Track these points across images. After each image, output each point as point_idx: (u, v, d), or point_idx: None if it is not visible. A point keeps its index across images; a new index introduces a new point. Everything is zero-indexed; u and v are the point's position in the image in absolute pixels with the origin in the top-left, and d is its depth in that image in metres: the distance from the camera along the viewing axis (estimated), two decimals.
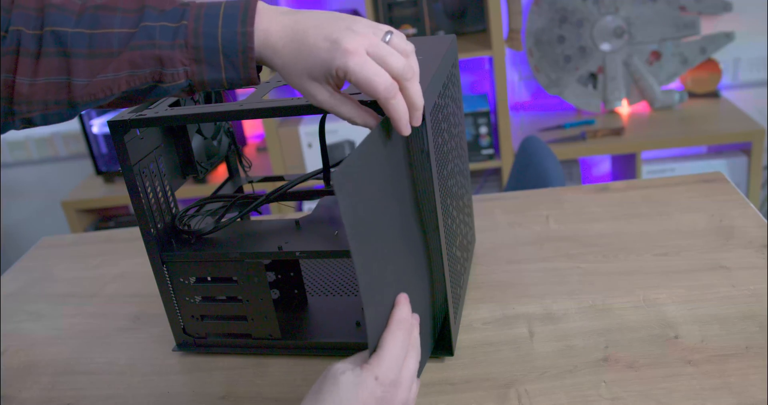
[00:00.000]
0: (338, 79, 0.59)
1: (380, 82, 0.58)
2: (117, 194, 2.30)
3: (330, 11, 0.61)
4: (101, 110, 2.35)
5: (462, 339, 0.83)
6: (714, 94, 2.33)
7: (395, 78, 0.59)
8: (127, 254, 1.17)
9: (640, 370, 0.74)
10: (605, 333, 0.81)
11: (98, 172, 2.34)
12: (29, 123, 0.62)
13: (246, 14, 0.59)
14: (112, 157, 2.37)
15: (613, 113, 2.33)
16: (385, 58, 0.59)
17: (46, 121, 0.62)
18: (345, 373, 0.58)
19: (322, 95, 0.61)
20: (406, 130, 0.62)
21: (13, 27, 0.59)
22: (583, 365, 0.76)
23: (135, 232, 1.24)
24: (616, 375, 0.74)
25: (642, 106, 2.35)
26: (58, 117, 0.62)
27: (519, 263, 0.98)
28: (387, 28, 0.62)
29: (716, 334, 0.78)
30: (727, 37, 2.20)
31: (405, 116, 0.61)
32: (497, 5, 2.03)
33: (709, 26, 2.26)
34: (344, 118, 0.63)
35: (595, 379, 0.74)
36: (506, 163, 2.19)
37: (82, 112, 2.30)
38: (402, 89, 0.60)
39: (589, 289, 0.89)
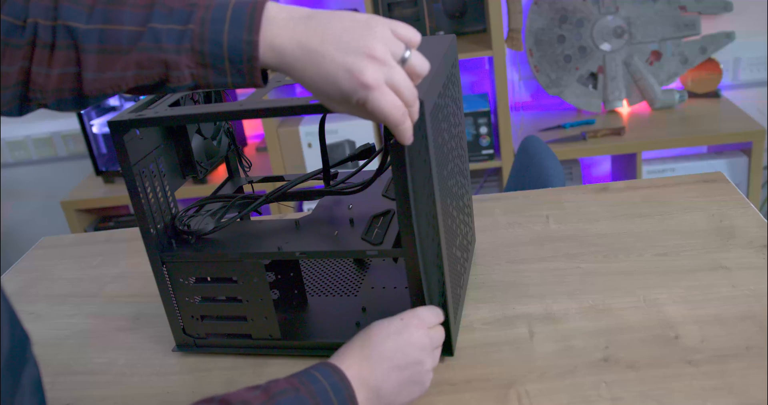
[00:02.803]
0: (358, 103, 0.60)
1: (395, 114, 0.61)
2: (117, 194, 2.29)
3: (344, 14, 0.60)
4: (101, 110, 2.36)
5: (462, 339, 0.83)
6: (714, 94, 2.33)
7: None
8: (127, 254, 1.17)
9: (641, 371, 0.74)
10: (605, 333, 0.81)
11: (98, 172, 2.34)
12: (45, 106, 0.64)
13: (252, 20, 0.58)
14: (112, 157, 2.37)
15: (613, 113, 2.33)
16: (400, 90, 0.60)
17: (60, 108, 0.63)
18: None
19: (343, 110, 0.62)
20: (409, 142, 0.65)
21: (31, 18, 0.59)
22: (584, 365, 0.76)
23: (135, 232, 1.24)
24: (616, 375, 0.74)
25: (642, 106, 2.35)
26: (72, 104, 0.63)
27: (519, 263, 0.98)
28: (406, 37, 0.61)
29: (716, 334, 0.78)
30: (727, 37, 2.20)
31: (409, 133, 0.64)
32: (497, 5, 2.03)
33: (709, 26, 2.26)
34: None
35: (596, 379, 0.74)
36: (506, 163, 2.19)
37: (82, 112, 2.29)
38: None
39: (589, 289, 0.89)
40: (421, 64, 0.62)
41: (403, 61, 0.61)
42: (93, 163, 2.33)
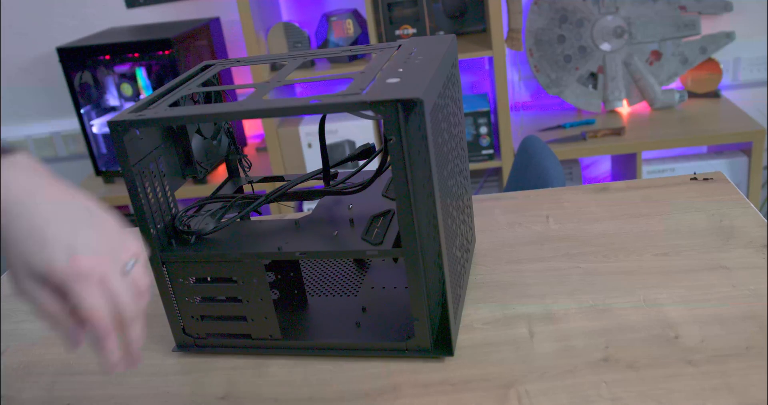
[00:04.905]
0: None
1: (102, 318, 0.54)
2: (117, 194, 2.30)
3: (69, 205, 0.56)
4: (101, 110, 2.35)
5: (462, 339, 0.83)
6: (714, 94, 2.33)
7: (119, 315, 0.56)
8: None
9: (641, 371, 0.74)
10: (605, 333, 0.81)
11: (98, 172, 2.34)
12: None
13: None
14: (112, 157, 2.37)
15: (613, 113, 2.33)
16: (117, 298, 0.55)
17: None
18: None
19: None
20: (112, 372, 0.57)
21: None
22: (583, 365, 0.76)
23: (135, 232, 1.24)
24: (616, 375, 0.74)
25: (642, 106, 2.35)
26: None
27: (519, 263, 0.98)
28: (133, 244, 0.58)
29: (716, 334, 0.78)
30: (727, 37, 2.20)
31: (116, 357, 0.56)
32: (497, 5, 2.03)
33: (709, 26, 2.26)
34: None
35: (596, 379, 0.74)
36: (506, 163, 2.19)
37: (82, 112, 2.29)
38: (124, 328, 0.57)
39: (589, 289, 0.89)
40: (145, 276, 0.58)
41: (127, 272, 0.57)
42: (93, 163, 2.33)
